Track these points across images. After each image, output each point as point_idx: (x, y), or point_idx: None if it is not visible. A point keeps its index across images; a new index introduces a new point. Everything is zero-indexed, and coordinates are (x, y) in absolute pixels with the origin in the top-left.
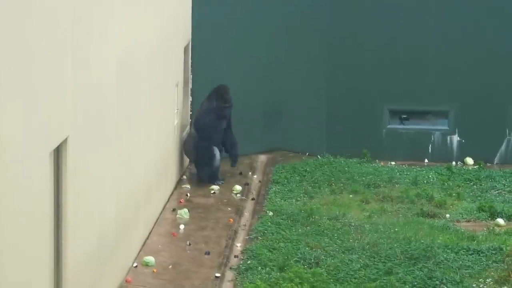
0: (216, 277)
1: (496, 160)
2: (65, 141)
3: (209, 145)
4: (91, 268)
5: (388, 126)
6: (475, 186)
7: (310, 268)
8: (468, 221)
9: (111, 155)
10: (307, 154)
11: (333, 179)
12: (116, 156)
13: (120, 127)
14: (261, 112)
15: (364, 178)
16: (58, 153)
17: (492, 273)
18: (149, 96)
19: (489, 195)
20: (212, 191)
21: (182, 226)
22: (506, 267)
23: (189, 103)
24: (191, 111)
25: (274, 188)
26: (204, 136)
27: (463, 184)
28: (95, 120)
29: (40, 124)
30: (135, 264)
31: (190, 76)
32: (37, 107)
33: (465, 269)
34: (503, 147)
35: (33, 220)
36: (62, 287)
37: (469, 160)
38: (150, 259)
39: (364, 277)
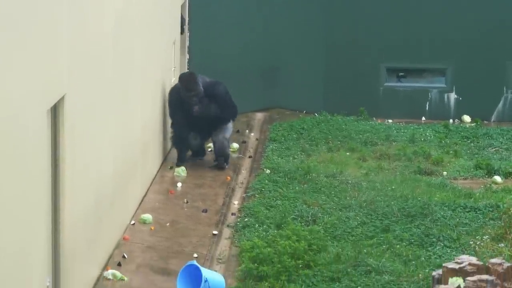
0: (214, 234)
1: (493, 118)
2: (62, 99)
3: (173, 127)
4: (88, 225)
5: (385, 84)
6: (472, 144)
7: (307, 226)
8: (465, 179)
9: (108, 113)
10: (304, 112)
11: (330, 137)
12: (113, 114)
13: (116, 85)
14: (258, 69)
15: (361, 136)
16: (55, 111)
17: (489, 231)
18: (146, 54)
19: (486, 153)
20: (209, 149)
21: (179, 184)
22: (503, 224)
23: (186, 61)
24: (188, 69)
25: (271, 146)
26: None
27: (460, 141)
28: (92, 78)
29: (37, 82)
30: (132, 222)
31: (187, 34)
32: (34, 65)
33: (462, 227)
34: (500, 104)
35: (30, 177)
36: (60, 245)
37: (466, 118)
38: (148, 216)
39: (361, 235)
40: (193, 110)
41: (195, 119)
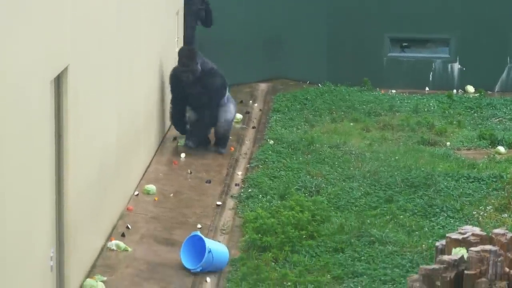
0: (217, 205)
1: (497, 88)
2: (65, 69)
3: (172, 102)
4: (92, 195)
5: (389, 54)
6: (475, 114)
7: (311, 196)
8: (469, 149)
9: (111, 83)
10: (307, 82)
11: (333, 107)
12: (116, 84)
13: (120, 55)
14: (262, 40)
15: (364, 106)
16: (59, 82)
17: (493, 201)
18: (149, 24)
19: (489, 123)
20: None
21: (183, 155)
22: (506, 194)
23: None
24: None
25: (274, 117)
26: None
27: (463, 112)
28: (95, 48)
29: (40, 52)
30: (136, 193)
31: None
32: (37, 36)
33: (466, 197)
34: (504, 74)
35: (34, 148)
36: (64, 215)
37: (470, 88)
38: (151, 187)
39: (364, 205)
40: (185, 87)
41: (191, 97)
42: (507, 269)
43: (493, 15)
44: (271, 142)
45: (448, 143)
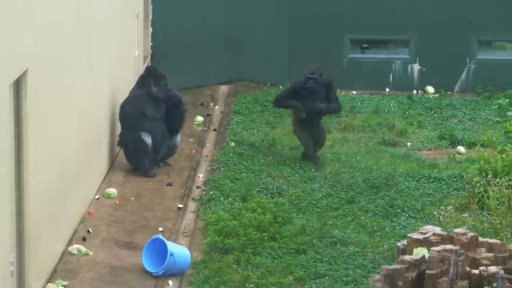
0: (179, 208)
1: (456, 88)
2: (25, 73)
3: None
4: (52, 200)
5: (349, 56)
6: (436, 115)
7: (273, 198)
8: (429, 149)
9: (72, 86)
10: (268, 84)
11: None
12: (76, 88)
13: (80, 59)
14: (222, 42)
15: None
16: (18, 85)
17: (453, 201)
18: (109, 27)
19: (449, 123)
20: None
21: None
22: (466, 194)
23: (150, 34)
24: (151, 42)
25: (236, 119)
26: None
27: (424, 112)
28: (55, 52)
29: None
30: (97, 196)
31: (151, 7)
32: None
33: (426, 197)
34: (463, 75)
35: None
36: (24, 219)
37: (430, 89)
38: (112, 191)
39: (326, 206)
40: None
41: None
42: (468, 269)
43: (452, 16)
44: (232, 144)
45: (408, 144)
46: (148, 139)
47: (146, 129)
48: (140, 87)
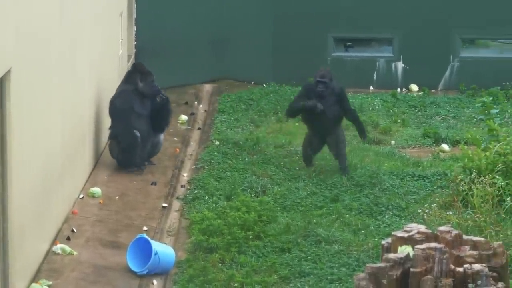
0: (163, 207)
1: (440, 86)
2: (8, 72)
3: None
4: (37, 200)
5: (333, 54)
6: (419, 113)
7: (257, 197)
8: (413, 148)
9: (55, 86)
10: (252, 82)
11: (279, 107)
12: (61, 87)
13: (63, 58)
14: (206, 40)
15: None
16: (1, 85)
17: (437, 199)
18: (92, 26)
19: (433, 121)
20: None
21: None
22: (450, 192)
23: (134, 33)
24: (135, 40)
25: (220, 118)
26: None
27: (408, 110)
28: (38, 51)
29: None
30: (81, 196)
31: (135, 6)
32: None
33: (411, 195)
34: (447, 73)
35: None
36: (8, 219)
37: (414, 87)
38: (96, 190)
39: (310, 205)
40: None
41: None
42: (452, 266)
43: (435, 14)
44: (217, 143)
45: (392, 142)
46: (137, 133)
47: (134, 124)
48: (127, 83)
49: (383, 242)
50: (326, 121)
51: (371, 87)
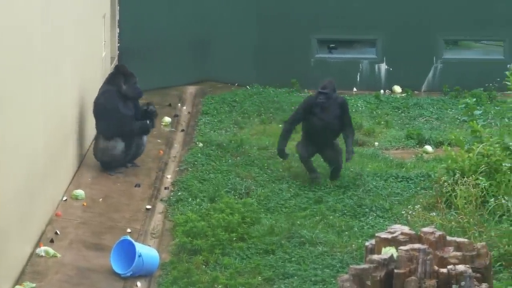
0: (147, 209)
1: (423, 88)
2: None
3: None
4: (20, 202)
5: (317, 56)
6: (403, 114)
7: (241, 199)
8: (397, 149)
9: (37, 87)
10: (236, 84)
11: (262, 109)
12: (43, 88)
13: (46, 59)
14: (189, 42)
15: (293, 107)
16: None
17: (421, 200)
18: (75, 28)
19: (417, 123)
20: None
21: None
22: (434, 193)
23: (117, 35)
24: (118, 42)
25: (203, 119)
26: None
27: (391, 112)
28: (20, 52)
29: None
30: (64, 198)
31: (118, 8)
32: None
33: (394, 196)
34: (430, 74)
35: None
36: None
37: (397, 88)
38: (80, 192)
39: (294, 206)
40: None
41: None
42: (436, 267)
43: (419, 15)
44: (200, 144)
45: (376, 143)
46: (122, 133)
47: (119, 124)
48: (109, 84)
49: (366, 243)
50: (326, 134)
51: (355, 89)
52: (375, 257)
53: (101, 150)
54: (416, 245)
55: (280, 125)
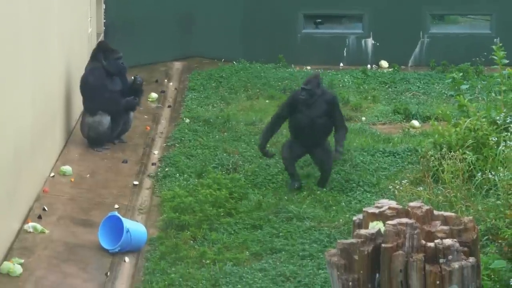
0: (134, 185)
1: (410, 63)
2: None
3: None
4: (7, 178)
5: (303, 31)
6: (390, 89)
7: (228, 174)
8: (384, 124)
9: (25, 64)
10: (222, 60)
11: (249, 84)
12: (30, 65)
13: (33, 35)
14: (176, 18)
15: (280, 83)
16: None
17: (408, 175)
18: (62, 4)
19: (403, 98)
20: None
21: None
22: (421, 168)
23: (103, 11)
24: (104, 19)
25: (190, 95)
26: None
27: (378, 87)
28: (7, 29)
29: None
30: (52, 174)
31: None
32: None
33: (381, 171)
34: (417, 49)
35: None
36: None
37: (384, 63)
38: (67, 168)
39: (281, 182)
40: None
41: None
42: (423, 242)
43: None
44: (187, 120)
45: (363, 118)
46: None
47: (107, 101)
48: (94, 61)
49: (354, 218)
50: (313, 132)
51: (341, 64)
52: (363, 231)
53: (88, 126)
54: (404, 220)
55: (267, 101)
